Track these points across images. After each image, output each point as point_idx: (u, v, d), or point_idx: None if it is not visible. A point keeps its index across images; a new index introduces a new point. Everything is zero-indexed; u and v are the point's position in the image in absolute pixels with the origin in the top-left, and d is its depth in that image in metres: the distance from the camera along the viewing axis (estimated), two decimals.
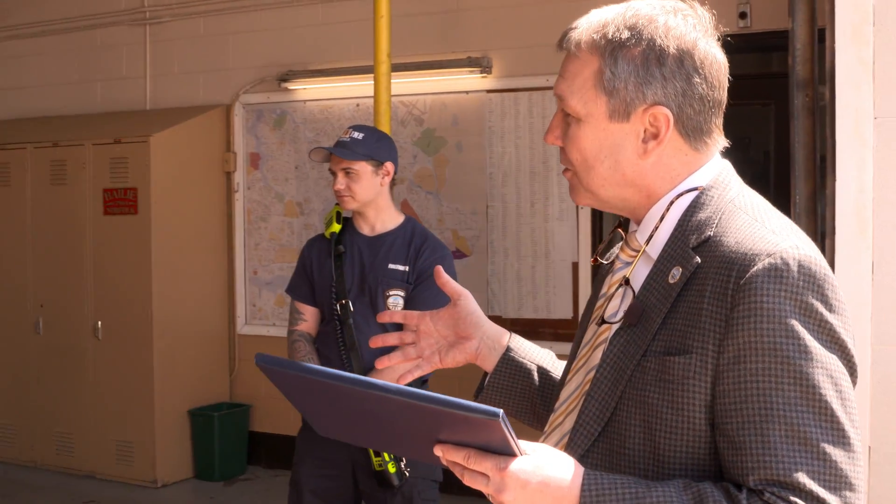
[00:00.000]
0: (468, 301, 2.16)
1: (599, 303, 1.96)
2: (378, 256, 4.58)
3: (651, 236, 1.86)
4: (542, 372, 2.20)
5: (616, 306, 1.88)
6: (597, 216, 6.97)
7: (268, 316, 8.10)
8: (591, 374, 1.86)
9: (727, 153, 1.92)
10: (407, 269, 4.56)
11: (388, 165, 4.59)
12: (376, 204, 4.60)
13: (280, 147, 8.00)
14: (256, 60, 8.05)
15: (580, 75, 1.85)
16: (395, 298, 4.55)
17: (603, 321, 1.89)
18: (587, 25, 1.88)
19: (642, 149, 1.85)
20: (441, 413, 1.58)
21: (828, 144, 3.94)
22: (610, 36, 1.83)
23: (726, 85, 1.87)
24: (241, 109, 8.13)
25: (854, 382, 1.70)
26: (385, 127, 5.79)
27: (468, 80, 7.27)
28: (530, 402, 2.20)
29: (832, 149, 3.88)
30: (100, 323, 7.83)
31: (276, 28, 7.95)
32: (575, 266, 7.00)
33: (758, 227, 1.76)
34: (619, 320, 1.85)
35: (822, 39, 4.13)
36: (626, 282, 1.87)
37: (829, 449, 1.62)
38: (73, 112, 8.86)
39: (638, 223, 1.92)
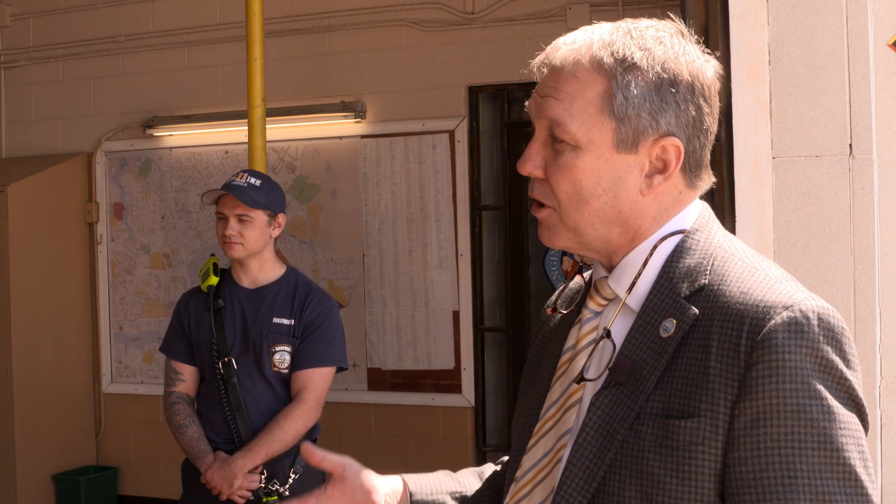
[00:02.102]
0: (354, 469, 1.88)
1: (566, 357, 1.74)
2: (261, 310, 4.36)
3: (633, 284, 1.66)
4: (456, 496, 1.96)
5: (593, 362, 1.68)
6: (477, 264, 6.81)
7: (135, 373, 7.74)
8: (565, 439, 1.66)
9: None
10: (293, 322, 4.34)
11: (281, 217, 4.41)
12: (262, 255, 4.39)
13: (145, 196, 7.68)
14: (119, 106, 7.72)
15: (580, 97, 1.63)
16: (282, 354, 4.33)
17: (582, 378, 1.67)
18: (586, 41, 1.66)
19: (646, 184, 1.65)
20: None
21: (725, 186, 3.86)
22: (620, 55, 1.62)
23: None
24: (103, 157, 7.79)
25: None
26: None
27: (341, 126, 7.07)
28: None
29: (731, 190, 3.79)
30: None
31: (139, 72, 7.65)
32: (456, 315, 6.83)
33: (760, 275, 1.59)
34: (601, 377, 1.64)
35: None
36: (608, 334, 1.65)
37: None
38: None
39: (609, 269, 1.72)
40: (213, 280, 4.44)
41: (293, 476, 4.32)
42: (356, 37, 7.02)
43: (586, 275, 1.84)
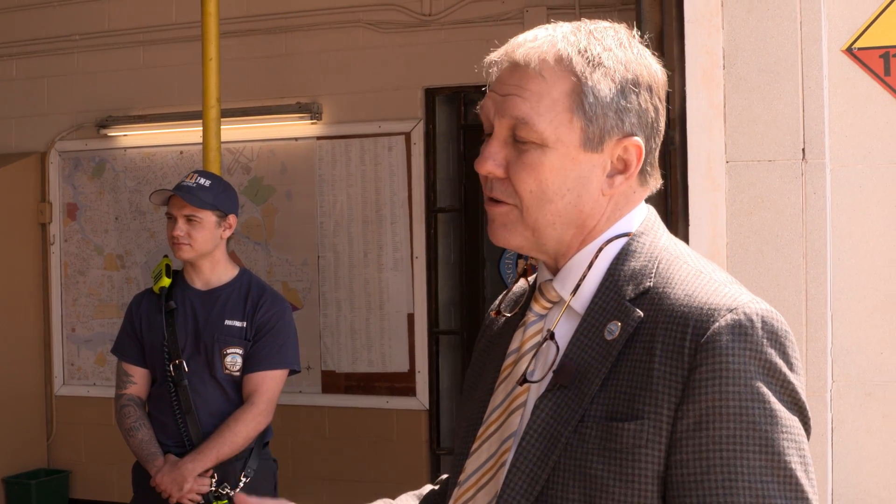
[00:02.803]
0: None
1: (509, 360, 1.73)
2: (213, 312, 4.32)
3: (578, 286, 1.65)
4: None
5: (537, 364, 1.66)
6: (432, 266, 6.79)
7: (87, 375, 7.66)
8: (509, 443, 1.64)
9: None
10: (245, 324, 4.31)
11: (232, 218, 4.37)
12: (213, 257, 4.35)
13: (99, 197, 7.61)
14: (73, 105, 7.64)
15: (548, 95, 1.62)
16: (234, 356, 4.30)
17: (525, 380, 1.66)
18: (549, 39, 1.64)
19: (608, 184, 1.65)
20: None
21: (679, 189, 3.86)
22: (588, 54, 1.62)
23: None
24: (56, 157, 7.71)
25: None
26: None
27: (297, 127, 7.04)
28: None
29: (684, 193, 3.80)
30: None
31: (94, 71, 7.57)
32: (410, 317, 6.81)
33: (704, 278, 1.58)
34: (545, 380, 1.63)
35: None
36: (552, 336, 1.64)
37: None
38: None
39: (554, 272, 1.70)
40: (166, 282, 4.40)
41: (244, 479, 4.29)
42: (312, 38, 6.99)
43: (531, 278, 1.83)
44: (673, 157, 3.98)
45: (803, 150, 3.65)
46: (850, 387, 3.64)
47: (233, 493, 4.23)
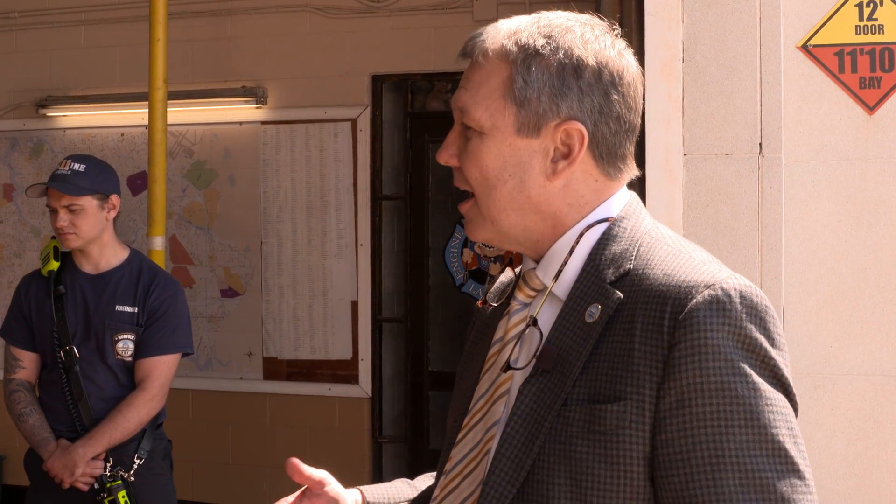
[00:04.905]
0: (333, 485, 1.82)
1: (494, 349, 1.74)
2: (104, 297, 4.28)
3: (559, 272, 1.66)
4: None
5: (521, 352, 1.67)
6: (376, 254, 6.78)
7: None
8: (493, 430, 1.65)
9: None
10: (136, 310, 4.27)
11: (114, 198, 4.30)
12: (101, 240, 4.30)
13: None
14: (12, 84, 7.50)
15: (486, 84, 1.66)
16: (125, 342, 4.27)
17: (508, 367, 1.66)
18: (495, 33, 1.68)
19: (551, 169, 1.65)
20: None
21: (636, 181, 3.88)
22: (523, 42, 1.65)
23: (642, 108, 1.70)
24: None
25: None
26: (161, 157, 5.43)
27: (242, 111, 6.98)
28: None
29: (641, 185, 3.82)
30: None
31: (33, 50, 7.44)
32: (354, 305, 6.79)
33: (684, 258, 1.59)
34: (528, 366, 1.63)
35: None
36: (534, 322, 1.65)
37: (788, 494, 1.48)
38: None
39: (537, 259, 1.72)
40: (54, 265, 4.34)
41: (138, 462, 4.27)
42: (259, 21, 6.93)
43: (518, 269, 1.85)
44: None
45: (760, 144, 3.68)
46: (799, 379, 3.66)
47: (127, 475, 4.21)
